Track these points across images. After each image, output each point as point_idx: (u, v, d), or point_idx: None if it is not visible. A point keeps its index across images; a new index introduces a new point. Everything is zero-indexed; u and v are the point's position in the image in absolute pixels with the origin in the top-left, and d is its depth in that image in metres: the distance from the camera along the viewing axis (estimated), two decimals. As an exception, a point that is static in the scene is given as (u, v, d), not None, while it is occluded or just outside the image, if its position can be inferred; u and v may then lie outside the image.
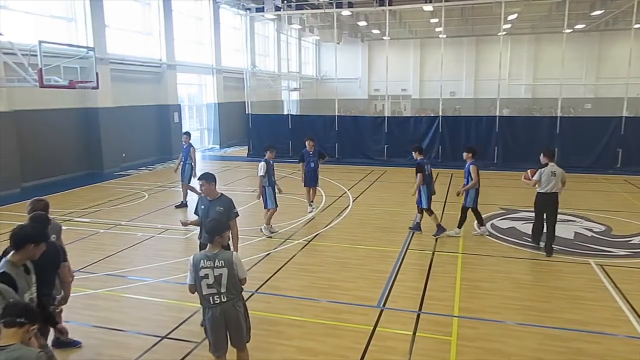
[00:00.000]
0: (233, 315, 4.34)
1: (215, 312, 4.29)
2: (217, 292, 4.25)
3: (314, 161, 11.52)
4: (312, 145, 11.59)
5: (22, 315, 3.07)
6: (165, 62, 20.28)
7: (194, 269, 4.25)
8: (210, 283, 4.23)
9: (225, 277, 4.24)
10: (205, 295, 4.27)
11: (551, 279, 7.34)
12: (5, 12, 13.79)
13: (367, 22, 29.83)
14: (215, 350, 4.43)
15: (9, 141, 13.54)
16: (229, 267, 4.24)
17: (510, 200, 12.42)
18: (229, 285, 4.26)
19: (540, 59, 35.49)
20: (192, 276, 4.28)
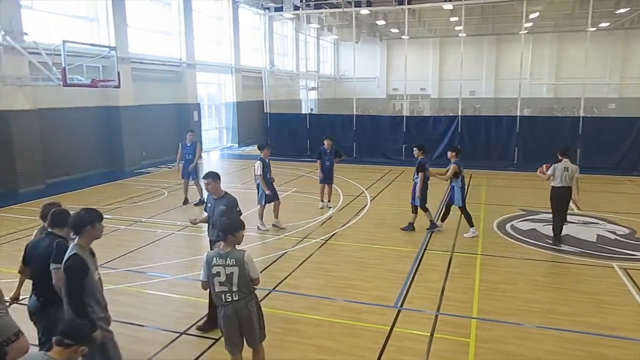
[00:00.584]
0: (245, 314, 4.35)
1: (227, 310, 4.32)
2: (229, 290, 4.28)
3: (329, 159, 11.71)
4: (330, 144, 11.79)
5: (71, 337, 3.11)
6: (185, 62, 20.49)
7: (206, 266, 4.30)
8: (222, 281, 4.26)
9: (236, 276, 4.25)
10: (217, 292, 4.30)
11: (572, 282, 7.21)
12: (30, 12, 14.08)
13: (386, 21, 29.67)
14: (230, 348, 4.46)
15: (33, 138, 13.84)
16: (240, 266, 4.25)
17: (530, 202, 12.24)
18: (240, 284, 4.27)
19: (563, 58, 34.89)
20: (205, 273, 4.34)
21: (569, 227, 9.95)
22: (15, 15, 13.10)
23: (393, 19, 30.03)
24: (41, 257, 4.19)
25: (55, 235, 4.29)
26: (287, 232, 9.70)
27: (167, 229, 9.87)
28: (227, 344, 4.47)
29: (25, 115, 13.55)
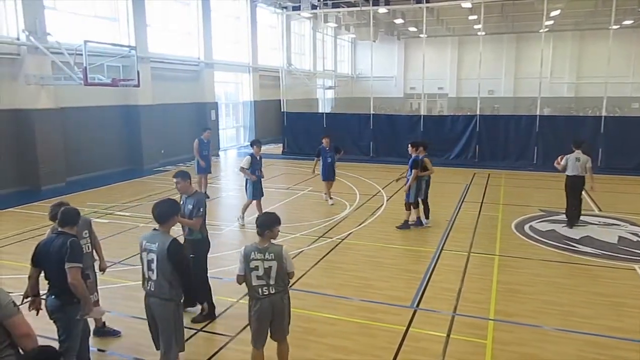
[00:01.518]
0: (280, 307, 4.45)
1: (263, 304, 4.38)
2: (266, 284, 4.35)
3: (330, 156, 12.01)
4: (327, 142, 12.06)
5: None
6: (203, 61, 20.66)
7: (244, 260, 4.34)
8: (260, 275, 4.32)
9: (274, 270, 4.33)
10: (254, 286, 4.36)
11: (593, 284, 7.09)
12: (53, 13, 14.35)
13: (403, 20, 29.51)
14: (256, 342, 4.53)
15: (55, 137, 14.11)
16: (279, 260, 4.33)
17: (550, 202, 12.06)
18: (277, 278, 4.36)
19: (584, 57, 34.26)
20: (242, 267, 4.36)
21: (590, 228, 9.81)
22: (38, 16, 13.37)
23: (411, 17, 29.84)
24: (55, 257, 4.21)
25: (66, 234, 4.33)
26: (303, 231, 9.72)
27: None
28: (256, 337, 4.52)
29: (47, 114, 13.82)
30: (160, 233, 4.37)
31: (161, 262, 4.19)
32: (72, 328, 4.34)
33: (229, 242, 9.18)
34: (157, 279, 4.22)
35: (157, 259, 4.21)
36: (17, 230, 9.57)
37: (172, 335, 4.34)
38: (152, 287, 4.28)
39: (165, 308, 4.28)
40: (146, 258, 4.29)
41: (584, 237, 9.19)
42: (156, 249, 4.22)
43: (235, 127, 25.48)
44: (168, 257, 4.17)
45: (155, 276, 4.23)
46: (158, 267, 4.20)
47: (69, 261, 4.12)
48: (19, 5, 12.97)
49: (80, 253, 4.26)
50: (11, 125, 13.29)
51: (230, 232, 9.90)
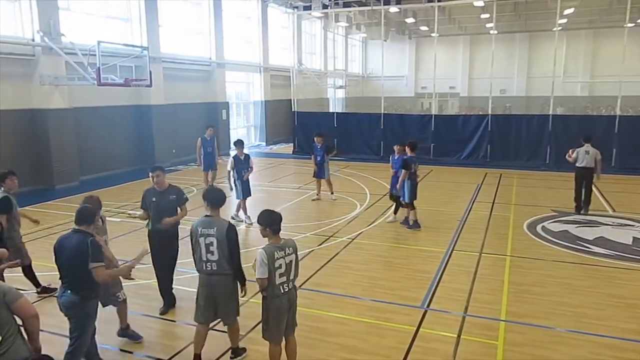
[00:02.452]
0: (294, 302, 4.63)
1: (282, 301, 4.47)
2: (287, 280, 4.45)
3: (320, 155, 12.16)
4: (320, 140, 12.27)
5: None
6: (214, 61, 20.76)
7: (269, 262, 4.32)
8: (282, 272, 4.40)
9: (293, 264, 4.48)
10: (277, 285, 4.40)
11: (606, 286, 7.00)
12: (67, 13, 14.51)
13: (415, 19, 29.40)
14: (278, 338, 4.59)
15: (69, 136, 14.28)
16: (296, 253, 4.49)
17: (562, 203, 11.93)
18: (295, 271, 4.50)
19: (598, 55, 33.82)
20: (265, 269, 4.33)
21: (604, 229, 9.70)
22: (53, 17, 13.53)
23: (422, 16, 29.71)
24: (70, 254, 4.27)
25: (83, 232, 4.37)
26: (313, 230, 9.72)
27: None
28: (277, 334, 4.57)
29: (61, 113, 13.99)
30: (214, 218, 4.81)
31: (221, 243, 4.68)
32: (88, 324, 4.42)
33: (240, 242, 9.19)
34: (218, 259, 4.71)
35: (217, 241, 4.68)
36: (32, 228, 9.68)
37: (232, 304, 4.88)
38: (214, 267, 4.74)
39: (227, 282, 4.78)
40: (204, 242, 4.71)
41: (598, 237, 9.09)
42: (215, 233, 4.69)
43: (246, 126, 25.57)
44: (227, 238, 4.68)
45: (215, 257, 4.70)
46: (218, 248, 4.68)
47: (93, 261, 4.22)
48: (34, 7, 13.14)
49: (101, 251, 4.35)
50: (26, 125, 13.47)
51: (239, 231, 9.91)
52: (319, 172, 12.25)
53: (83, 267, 4.20)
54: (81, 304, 4.32)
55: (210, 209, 4.84)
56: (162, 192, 6.15)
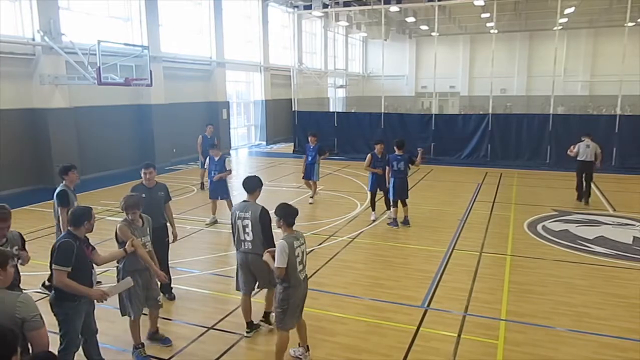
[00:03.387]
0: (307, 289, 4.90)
1: (302, 288, 4.77)
2: (303, 268, 4.74)
3: (311, 155, 11.94)
4: (313, 140, 12.04)
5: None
6: (215, 60, 20.75)
7: (290, 252, 4.55)
8: (300, 260, 4.68)
9: (305, 253, 4.79)
10: (298, 273, 4.66)
11: (607, 285, 6.99)
12: (67, 13, 14.51)
13: (415, 18, 29.40)
14: (293, 326, 4.84)
15: (69, 135, 14.27)
16: (305, 242, 4.80)
17: (563, 202, 11.93)
18: (306, 259, 4.80)
19: (599, 55, 33.77)
20: (285, 259, 4.52)
21: (604, 228, 9.69)
22: (53, 17, 13.53)
23: (423, 15, 29.70)
24: (51, 253, 4.34)
25: (70, 234, 4.37)
26: (314, 230, 9.72)
27: (196, 225, 10.04)
28: (291, 321, 4.78)
29: (61, 113, 13.99)
30: (250, 203, 5.32)
31: (255, 226, 5.19)
32: (69, 323, 4.39)
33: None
34: (253, 239, 5.22)
35: (251, 224, 5.20)
36: (32, 228, 9.69)
37: (268, 277, 5.31)
38: (250, 246, 5.28)
39: (261, 260, 5.00)
40: (241, 224, 5.25)
41: (598, 237, 9.08)
42: (250, 216, 5.21)
43: (247, 126, 25.57)
44: (260, 221, 5.17)
45: (250, 237, 5.23)
46: (252, 229, 5.19)
47: (54, 263, 4.19)
48: (34, 6, 13.13)
49: (67, 254, 4.20)
50: (26, 125, 13.47)
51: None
52: (307, 173, 11.95)
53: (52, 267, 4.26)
54: (57, 303, 4.35)
55: (247, 195, 5.38)
56: (150, 188, 6.28)
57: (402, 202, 9.99)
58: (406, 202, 10.04)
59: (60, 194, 6.66)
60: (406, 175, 10.00)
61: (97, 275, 4.76)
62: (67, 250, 4.20)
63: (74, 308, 4.36)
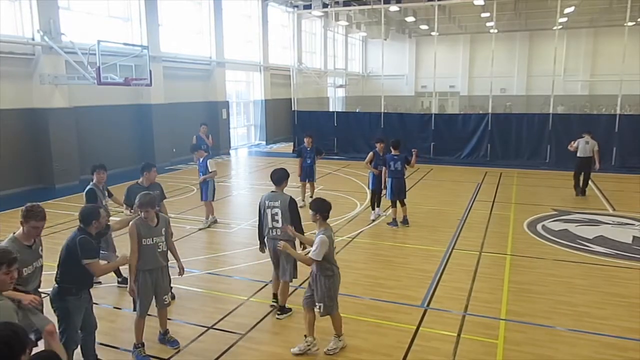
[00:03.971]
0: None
1: (339, 277, 5.14)
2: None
3: (310, 157, 11.69)
4: (310, 141, 11.73)
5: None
6: (214, 60, 20.75)
7: (330, 244, 4.95)
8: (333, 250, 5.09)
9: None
10: (335, 261, 5.09)
11: (607, 285, 6.99)
12: (67, 13, 14.50)
13: (415, 18, 29.38)
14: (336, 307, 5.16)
15: (69, 135, 14.27)
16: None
17: (563, 201, 11.94)
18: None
19: (599, 54, 33.77)
20: (324, 252, 4.87)
21: (604, 228, 9.69)
22: (53, 16, 13.52)
23: (423, 15, 29.70)
24: (63, 250, 4.48)
25: (80, 230, 4.53)
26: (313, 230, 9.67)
27: (195, 225, 10.03)
28: (336, 304, 5.13)
29: (61, 113, 13.99)
30: (279, 193, 5.82)
31: (284, 213, 5.67)
32: (69, 318, 4.44)
33: (239, 241, 9.21)
34: (282, 226, 5.66)
35: (281, 212, 5.68)
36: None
37: (289, 265, 5.78)
38: (278, 232, 5.74)
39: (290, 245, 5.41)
40: (271, 212, 5.75)
41: (598, 236, 9.09)
42: (279, 205, 5.71)
43: (246, 125, 25.57)
44: (289, 209, 5.67)
45: (280, 224, 5.68)
46: (282, 217, 5.67)
47: (83, 258, 4.38)
48: (34, 6, 13.13)
49: (91, 248, 4.45)
50: (26, 124, 13.47)
51: (241, 230, 9.93)
52: (306, 175, 11.62)
53: (68, 262, 4.40)
54: (60, 296, 4.44)
55: (275, 186, 5.86)
56: (146, 187, 6.34)
57: (401, 202, 9.99)
58: (404, 202, 10.04)
59: (88, 193, 7.06)
60: (403, 176, 10.01)
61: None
62: (88, 243, 4.42)
63: (74, 302, 4.45)
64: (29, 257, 4.27)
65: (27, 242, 4.30)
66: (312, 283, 5.08)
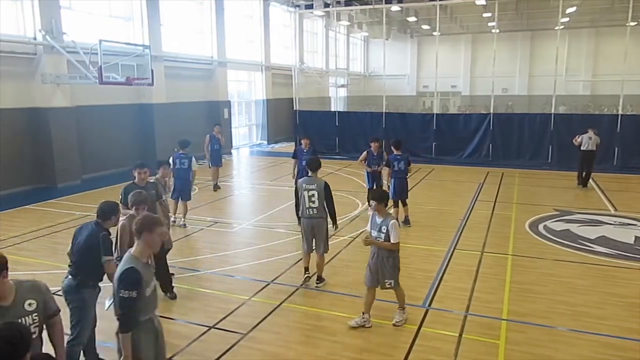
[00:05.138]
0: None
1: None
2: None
3: (306, 159, 11.23)
4: (307, 143, 11.25)
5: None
6: (216, 60, 20.76)
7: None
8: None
9: None
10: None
11: (607, 285, 6.99)
12: (69, 12, 14.52)
13: (416, 18, 29.37)
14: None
15: (70, 135, 14.29)
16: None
17: (564, 202, 11.93)
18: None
19: (601, 54, 33.76)
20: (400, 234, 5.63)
21: (605, 228, 9.69)
22: (55, 16, 13.54)
23: (424, 15, 29.67)
24: (84, 244, 4.52)
25: (99, 226, 4.60)
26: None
27: (197, 225, 10.04)
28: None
29: (63, 112, 14.01)
30: (315, 178, 6.80)
31: (320, 195, 6.65)
32: (85, 310, 4.51)
33: (241, 241, 9.23)
34: (317, 206, 6.68)
35: (317, 193, 6.65)
36: (34, 227, 9.72)
37: (325, 239, 6.85)
38: (315, 212, 6.71)
39: (322, 223, 6.78)
40: (307, 194, 6.68)
41: (600, 237, 9.08)
42: (316, 187, 6.68)
43: (248, 125, 25.58)
44: (324, 192, 6.67)
45: (316, 204, 6.68)
46: (318, 198, 6.64)
47: (104, 255, 4.47)
48: (36, 6, 13.15)
49: (110, 246, 4.59)
50: (28, 124, 13.49)
51: (242, 230, 9.95)
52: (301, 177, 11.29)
53: (88, 256, 4.45)
54: (77, 289, 4.51)
55: (310, 172, 6.86)
56: (142, 187, 6.32)
57: (402, 202, 10.00)
58: (406, 202, 10.04)
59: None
60: (406, 176, 10.02)
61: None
62: (109, 241, 4.56)
63: (91, 294, 4.58)
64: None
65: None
66: (376, 264, 5.64)
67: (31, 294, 3.20)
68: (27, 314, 3.12)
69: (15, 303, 3.10)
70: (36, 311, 3.18)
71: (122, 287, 3.38)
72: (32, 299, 3.18)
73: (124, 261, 3.54)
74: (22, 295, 3.14)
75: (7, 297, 3.08)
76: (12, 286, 3.13)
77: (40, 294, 3.24)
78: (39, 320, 3.21)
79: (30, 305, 3.16)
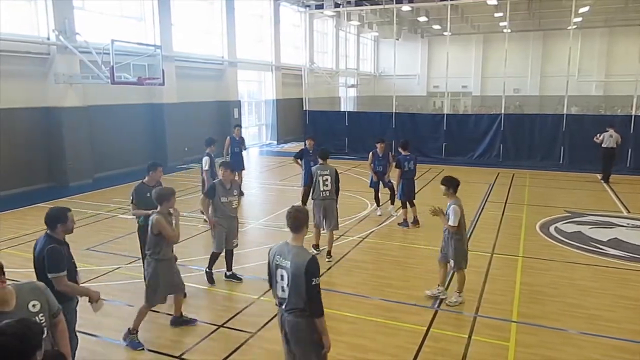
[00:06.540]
0: None
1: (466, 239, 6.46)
2: None
3: (314, 161, 10.50)
4: (311, 144, 11.09)
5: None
6: (226, 60, 20.84)
7: (462, 212, 6.15)
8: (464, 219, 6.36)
9: None
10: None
11: (619, 287, 6.91)
12: (81, 13, 14.67)
13: (427, 18, 29.25)
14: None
15: (83, 134, 14.43)
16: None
17: (576, 203, 11.81)
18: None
19: (614, 54, 33.35)
20: (458, 219, 6.13)
21: (618, 230, 9.58)
22: (68, 16, 13.69)
23: (435, 15, 29.55)
24: (36, 258, 4.21)
25: (48, 237, 4.22)
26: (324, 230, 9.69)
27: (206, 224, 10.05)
28: (465, 263, 6.33)
29: (75, 111, 14.15)
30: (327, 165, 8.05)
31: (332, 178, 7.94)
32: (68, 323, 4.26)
33: (252, 240, 9.26)
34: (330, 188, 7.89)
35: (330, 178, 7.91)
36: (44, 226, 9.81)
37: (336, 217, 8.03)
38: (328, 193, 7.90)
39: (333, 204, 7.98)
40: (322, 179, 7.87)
41: (612, 239, 8.98)
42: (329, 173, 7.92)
43: (258, 125, 25.64)
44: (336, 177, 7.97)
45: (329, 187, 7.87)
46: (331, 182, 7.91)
47: (50, 272, 4.04)
48: (50, 6, 13.30)
49: (59, 259, 4.10)
50: (41, 123, 13.64)
51: (252, 229, 9.98)
52: (306, 179, 10.49)
53: (44, 274, 4.07)
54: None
55: (321, 161, 8.08)
56: (152, 187, 6.39)
57: (410, 202, 9.96)
58: (414, 203, 10.01)
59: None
60: (413, 177, 9.99)
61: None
62: (57, 255, 4.09)
63: (69, 307, 4.18)
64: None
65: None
66: (445, 244, 6.25)
67: (33, 295, 3.17)
68: (33, 316, 3.07)
69: (18, 307, 3.05)
70: (41, 311, 3.16)
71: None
72: (35, 300, 3.15)
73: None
74: (24, 298, 3.11)
75: (8, 301, 3.03)
76: (12, 290, 3.09)
77: (41, 294, 3.23)
78: (46, 320, 3.17)
79: (34, 306, 3.13)
